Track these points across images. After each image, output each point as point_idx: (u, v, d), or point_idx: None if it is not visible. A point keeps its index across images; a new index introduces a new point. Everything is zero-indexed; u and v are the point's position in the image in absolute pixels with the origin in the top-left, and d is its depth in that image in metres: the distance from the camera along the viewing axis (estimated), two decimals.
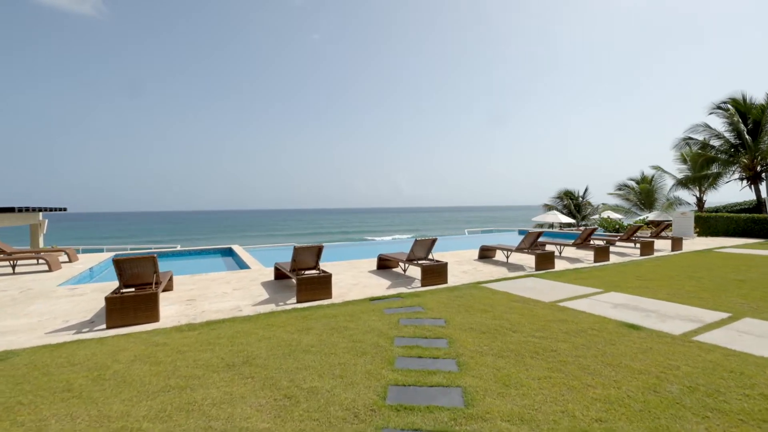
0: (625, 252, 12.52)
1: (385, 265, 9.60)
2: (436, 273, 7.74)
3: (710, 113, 24.03)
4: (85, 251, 17.09)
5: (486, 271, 9.15)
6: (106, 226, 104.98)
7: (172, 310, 6.07)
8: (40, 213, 15.47)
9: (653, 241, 12.01)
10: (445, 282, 7.84)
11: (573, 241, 11.71)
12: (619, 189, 32.22)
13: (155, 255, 5.76)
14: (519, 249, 10.00)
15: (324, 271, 6.99)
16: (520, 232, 24.95)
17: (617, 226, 21.20)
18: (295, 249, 6.78)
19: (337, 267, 9.96)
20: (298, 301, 6.44)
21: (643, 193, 29.64)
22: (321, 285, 6.59)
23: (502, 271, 9.14)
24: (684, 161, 26.96)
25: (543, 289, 7.14)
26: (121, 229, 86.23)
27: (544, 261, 9.35)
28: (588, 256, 11.59)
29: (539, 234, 9.79)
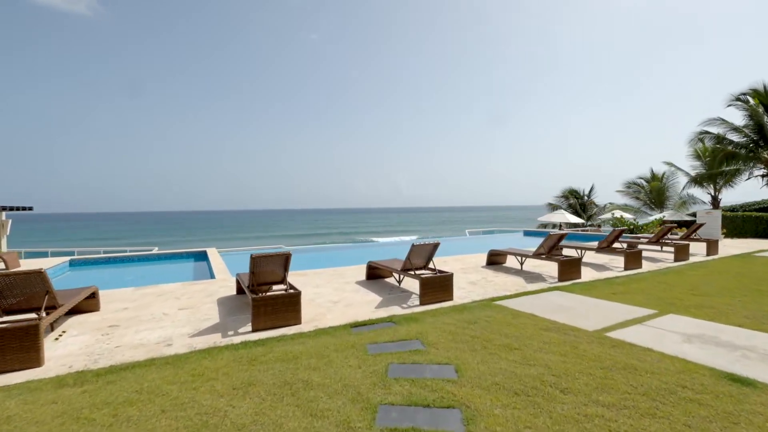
0: (654, 257, 10.88)
1: (375, 274, 7.94)
2: (438, 287, 6.08)
3: (728, 105, 22.43)
4: (54, 254, 15.45)
5: (499, 282, 7.49)
6: (95, 226, 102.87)
7: (75, 344, 4.39)
8: (3, 213, 13.86)
9: (688, 245, 10.37)
10: (450, 298, 6.18)
11: (597, 243, 10.06)
12: (628, 187, 30.66)
13: (43, 270, 4.08)
14: (537, 254, 8.34)
15: (292, 287, 5.32)
16: (526, 233, 23.33)
17: (632, 227, 19.56)
18: (253, 259, 5.09)
19: (318, 277, 8.29)
20: (254, 330, 4.76)
21: (654, 191, 28.07)
22: (285, 307, 4.92)
23: (519, 282, 7.48)
24: (698, 157, 25.42)
25: (577, 309, 5.48)
26: (109, 230, 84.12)
27: (569, 269, 7.70)
28: (614, 261, 9.94)
29: (561, 237, 8.14)
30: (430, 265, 7.06)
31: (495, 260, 9.62)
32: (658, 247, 12.40)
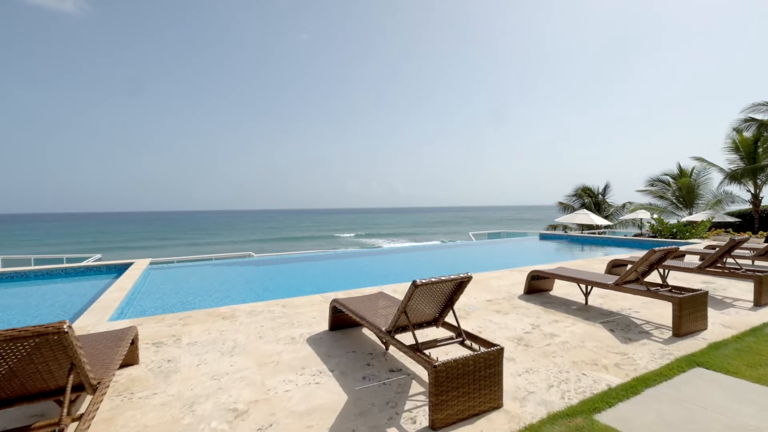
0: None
1: (344, 320, 4.52)
2: (472, 382, 2.67)
3: None
4: None
5: (568, 340, 4.09)
6: (79, 227, 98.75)
7: None
8: None
9: None
10: (498, 404, 2.77)
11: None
12: (651, 185, 27.45)
13: None
14: (625, 283, 4.94)
15: (87, 414, 1.90)
16: (542, 237, 19.91)
17: (674, 230, 16.22)
18: None
19: (252, 321, 4.82)
20: None
21: (684, 188, 24.80)
22: None
23: (602, 339, 4.09)
24: (736, 149, 22.24)
25: None
26: (91, 232, 79.87)
27: (691, 313, 4.30)
28: (713, 286, 6.58)
29: (668, 253, 4.75)
30: (449, 317, 3.65)
31: (538, 286, 6.24)
32: (749, 262, 9.06)
